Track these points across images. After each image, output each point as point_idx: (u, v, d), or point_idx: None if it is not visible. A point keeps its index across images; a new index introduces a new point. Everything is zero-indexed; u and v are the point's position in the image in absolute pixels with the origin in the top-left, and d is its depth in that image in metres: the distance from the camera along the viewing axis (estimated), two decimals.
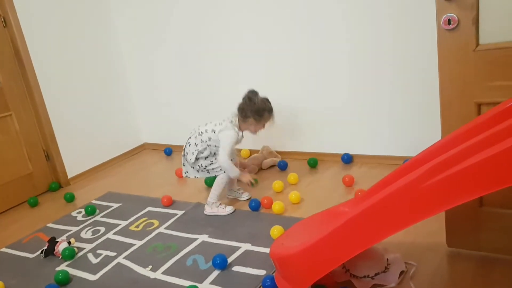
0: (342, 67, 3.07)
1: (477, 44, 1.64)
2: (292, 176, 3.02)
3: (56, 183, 3.61)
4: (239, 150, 3.73)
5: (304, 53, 3.20)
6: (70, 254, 2.42)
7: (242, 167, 3.27)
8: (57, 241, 2.53)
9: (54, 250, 2.50)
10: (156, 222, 2.74)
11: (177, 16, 3.70)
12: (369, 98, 3.04)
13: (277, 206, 2.62)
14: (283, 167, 3.29)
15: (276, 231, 2.30)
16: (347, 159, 3.18)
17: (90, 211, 2.96)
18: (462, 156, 1.30)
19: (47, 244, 2.54)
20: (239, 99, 3.66)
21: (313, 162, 3.23)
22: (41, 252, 2.53)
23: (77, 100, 3.79)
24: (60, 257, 2.46)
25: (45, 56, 3.52)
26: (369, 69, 2.97)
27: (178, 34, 3.76)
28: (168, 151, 4.10)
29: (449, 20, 1.64)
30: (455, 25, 1.64)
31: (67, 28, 3.69)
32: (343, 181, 2.85)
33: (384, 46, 2.87)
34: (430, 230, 2.10)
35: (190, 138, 2.82)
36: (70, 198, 3.30)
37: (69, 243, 2.52)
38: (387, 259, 1.89)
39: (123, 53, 4.17)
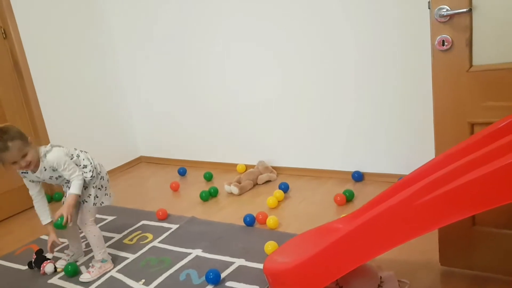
0: (337, 84, 3.10)
1: (471, 65, 1.67)
2: (278, 193, 3.02)
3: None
4: (235, 165, 3.74)
5: (299, 73, 3.24)
6: (72, 270, 2.37)
7: (238, 182, 3.28)
8: (45, 256, 2.52)
9: (41, 262, 2.47)
10: (150, 236, 2.73)
11: (175, 32, 3.74)
12: (363, 117, 3.07)
13: (271, 221, 2.62)
14: (284, 189, 3.13)
15: (270, 246, 2.30)
16: (358, 177, 3.17)
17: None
18: (455, 174, 1.31)
19: (34, 256, 2.53)
20: (237, 112, 3.70)
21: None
22: (28, 264, 2.52)
23: (74, 112, 3.81)
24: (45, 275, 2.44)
25: (44, 68, 3.55)
26: (364, 85, 3.00)
27: (176, 48, 3.80)
28: (183, 171, 3.90)
29: (443, 41, 1.68)
30: (449, 46, 1.67)
31: (67, 42, 3.73)
32: (334, 201, 2.85)
33: (379, 63, 2.90)
34: (423, 248, 2.10)
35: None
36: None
37: (56, 269, 2.46)
38: (381, 277, 1.89)
39: (120, 66, 4.20)
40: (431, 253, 2.02)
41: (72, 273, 2.38)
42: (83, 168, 2.31)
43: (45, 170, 2.24)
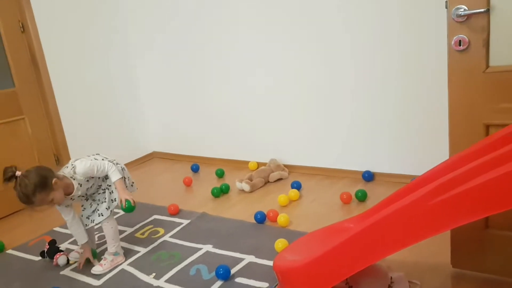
0: (348, 82, 3.09)
1: (487, 66, 1.66)
2: (292, 192, 3.02)
3: None
4: (247, 162, 3.75)
5: (311, 70, 3.23)
6: (129, 207, 2.27)
7: (249, 179, 3.28)
8: (59, 248, 2.55)
9: (53, 253, 2.50)
10: (161, 230, 2.75)
11: (188, 30, 3.76)
12: (376, 116, 3.05)
13: (282, 219, 2.62)
14: (297, 187, 3.15)
15: (280, 244, 2.31)
16: (369, 177, 3.16)
17: None
18: (469, 175, 1.30)
19: (47, 246, 2.56)
20: (247, 111, 3.72)
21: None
22: (41, 253, 2.55)
23: (89, 107, 3.85)
24: (57, 265, 2.48)
25: (61, 62, 3.60)
26: (377, 85, 2.99)
27: (190, 47, 3.82)
28: (195, 167, 3.92)
29: (460, 41, 1.66)
30: (466, 46, 1.66)
31: (83, 37, 3.77)
32: (340, 199, 2.86)
33: (392, 62, 2.89)
34: (434, 249, 2.09)
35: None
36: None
37: (68, 261, 2.49)
38: (391, 277, 1.88)
39: (135, 63, 4.24)
40: (443, 255, 2.01)
41: (130, 209, 2.29)
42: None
43: (81, 186, 2.26)
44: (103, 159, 2.34)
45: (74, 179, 2.24)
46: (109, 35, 4.00)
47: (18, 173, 2.05)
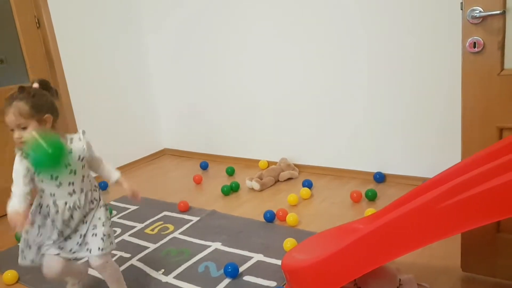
0: (361, 83, 3.07)
1: (502, 69, 1.64)
2: (304, 191, 3.03)
3: None
4: (258, 161, 3.75)
5: (323, 70, 3.22)
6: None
7: (259, 177, 3.28)
8: None
9: None
10: (171, 227, 2.77)
11: (202, 27, 3.77)
12: (388, 117, 3.04)
13: (291, 218, 2.62)
14: (308, 186, 3.14)
15: (289, 243, 2.30)
16: (380, 178, 3.15)
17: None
18: (480, 179, 1.29)
19: None
20: (261, 109, 3.71)
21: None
22: None
23: (102, 102, 3.88)
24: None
25: (75, 58, 3.63)
26: (390, 86, 2.97)
27: (202, 46, 3.83)
28: (204, 165, 3.92)
29: (474, 43, 1.64)
30: (481, 48, 1.64)
31: (98, 33, 3.80)
32: (351, 197, 2.87)
33: (405, 63, 2.87)
34: (445, 253, 2.08)
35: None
36: None
37: None
38: (400, 279, 1.87)
39: (149, 59, 4.26)
40: (453, 258, 2.00)
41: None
42: None
43: (70, 153, 1.76)
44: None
45: (71, 139, 1.79)
46: (123, 32, 4.03)
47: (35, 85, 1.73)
